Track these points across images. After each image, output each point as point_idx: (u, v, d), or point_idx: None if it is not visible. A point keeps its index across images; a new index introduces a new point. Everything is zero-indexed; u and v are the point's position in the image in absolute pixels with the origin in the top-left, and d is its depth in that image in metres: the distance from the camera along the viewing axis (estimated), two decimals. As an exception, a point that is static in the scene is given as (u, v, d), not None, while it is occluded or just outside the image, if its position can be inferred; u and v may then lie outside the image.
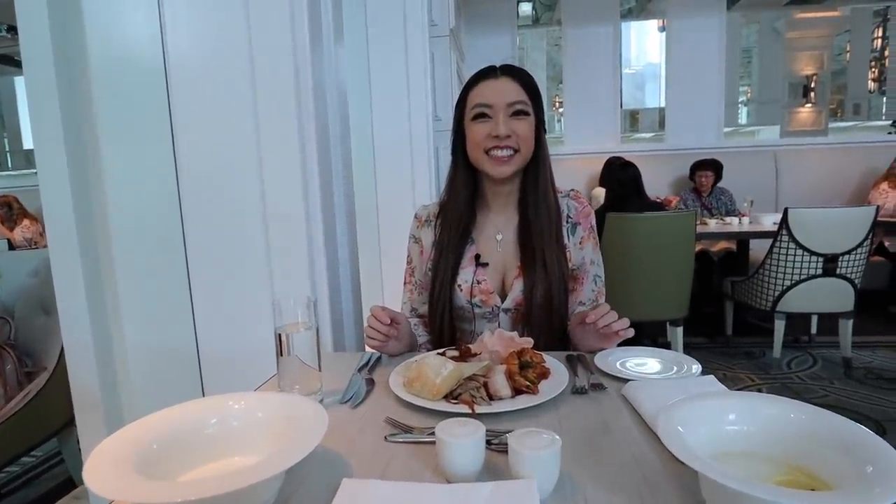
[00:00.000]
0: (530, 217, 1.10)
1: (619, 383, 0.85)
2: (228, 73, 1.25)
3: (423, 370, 0.79)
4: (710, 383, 0.79)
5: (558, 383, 0.81)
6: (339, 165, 1.47)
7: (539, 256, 1.07)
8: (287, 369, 0.80)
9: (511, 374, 0.79)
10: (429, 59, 3.05)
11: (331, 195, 1.40)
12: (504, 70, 1.09)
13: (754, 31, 10.67)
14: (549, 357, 0.92)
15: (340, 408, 0.81)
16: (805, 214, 2.69)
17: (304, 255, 1.30)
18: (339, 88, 1.49)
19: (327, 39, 1.41)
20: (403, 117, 2.85)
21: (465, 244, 1.14)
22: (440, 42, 3.71)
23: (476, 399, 0.76)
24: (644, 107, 12.53)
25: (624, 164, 3.07)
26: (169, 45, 1.26)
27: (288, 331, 0.80)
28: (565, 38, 4.95)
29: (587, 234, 1.15)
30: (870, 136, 6.08)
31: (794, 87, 9.16)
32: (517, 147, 1.06)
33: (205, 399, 0.65)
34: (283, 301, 0.80)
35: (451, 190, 1.16)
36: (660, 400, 0.73)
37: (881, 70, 10.39)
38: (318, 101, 1.31)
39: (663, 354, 0.95)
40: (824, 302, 2.79)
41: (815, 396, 2.50)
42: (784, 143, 5.01)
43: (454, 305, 1.13)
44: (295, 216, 1.28)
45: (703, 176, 3.94)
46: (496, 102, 1.06)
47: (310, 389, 0.80)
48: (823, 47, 9.35)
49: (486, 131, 1.06)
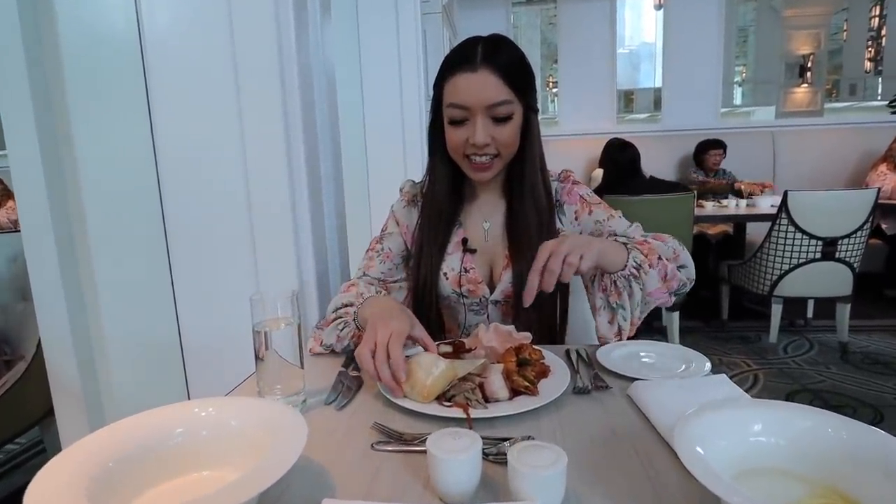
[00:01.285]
0: (517, 206, 1.02)
1: (623, 382, 0.79)
2: (208, 52, 1.17)
3: (412, 369, 0.73)
4: (722, 383, 0.74)
5: (559, 383, 0.75)
6: (328, 145, 1.39)
7: (527, 246, 0.98)
8: (266, 368, 0.74)
9: (509, 374, 0.73)
10: (421, 36, 2.95)
11: (318, 178, 1.33)
12: (485, 58, 0.92)
13: (751, 9, 10.50)
14: (548, 352, 0.86)
15: (325, 410, 0.75)
16: (805, 197, 2.64)
17: (290, 240, 1.23)
18: (326, 66, 1.40)
19: (313, 15, 1.32)
20: (395, 95, 2.75)
21: (451, 228, 1.06)
22: (432, 19, 3.60)
23: (471, 402, 0.70)
24: (638, 87, 12.38)
25: (622, 144, 3.01)
26: (145, 23, 1.18)
27: (267, 327, 0.73)
28: (560, 15, 4.83)
29: (580, 206, 1.05)
30: (866, 117, 6.01)
31: (791, 66, 9.04)
32: (497, 153, 0.97)
33: (169, 407, 0.59)
34: (262, 294, 0.73)
35: (432, 182, 1.06)
36: (669, 403, 0.68)
37: (878, 50, 10.27)
38: (303, 80, 1.23)
39: (669, 349, 0.90)
40: (822, 286, 2.75)
41: (812, 382, 2.47)
42: (782, 123, 4.94)
43: (440, 295, 1.06)
44: (280, 200, 1.21)
45: (716, 155, 3.97)
46: (473, 104, 0.93)
47: (291, 390, 0.74)
48: (821, 26, 9.22)
49: (463, 137, 0.95)
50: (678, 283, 0.93)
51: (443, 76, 0.97)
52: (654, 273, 0.89)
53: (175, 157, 1.22)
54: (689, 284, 0.97)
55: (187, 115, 1.21)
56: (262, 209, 1.22)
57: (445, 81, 0.96)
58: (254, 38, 1.16)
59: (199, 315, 1.28)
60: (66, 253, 1.21)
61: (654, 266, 0.89)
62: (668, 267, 0.90)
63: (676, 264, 0.93)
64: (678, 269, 0.93)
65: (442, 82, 0.97)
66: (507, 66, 0.93)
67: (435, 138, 1.04)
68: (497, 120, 0.94)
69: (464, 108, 0.93)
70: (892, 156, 3.87)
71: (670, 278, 0.91)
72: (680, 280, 0.93)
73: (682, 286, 0.95)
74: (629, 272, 0.88)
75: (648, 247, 0.91)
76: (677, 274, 0.92)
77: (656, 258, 0.90)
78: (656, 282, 0.90)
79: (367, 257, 1.11)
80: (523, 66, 0.97)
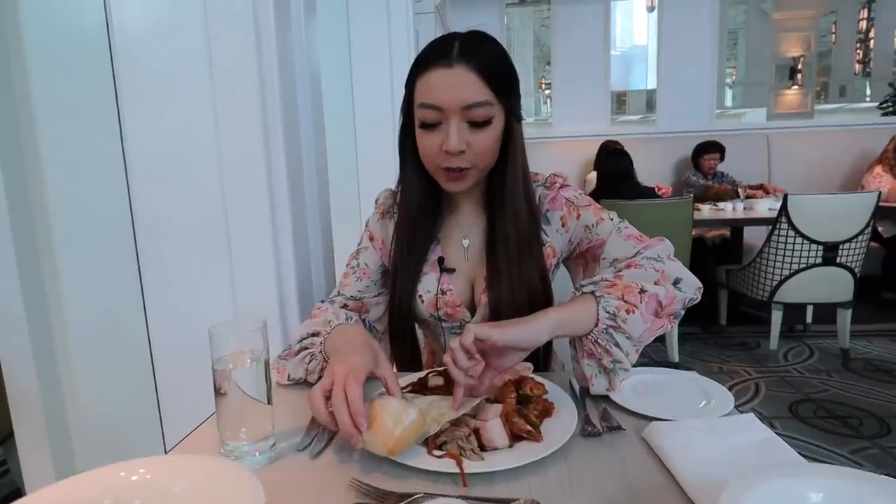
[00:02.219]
0: (496, 222, 0.90)
1: (636, 420, 0.69)
2: (182, 50, 1.09)
3: (377, 414, 0.60)
4: (752, 425, 0.64)
5: (565, 424, 0.65)
6: (312, 146, 1.29)
7: (505, 267, 0.87)
8: (229, 409, 0.63)
9: (508, 416, 0.63)
10: (413, 36, 2.85)
11: (301, 182, 1.23)
12: (462, 53, 0.79)
13: (741, 12, 10.50)
14: (550, 383, 0.76)
15: (297, 458, 0.64)
16: (805, 201, 2.56)
17: (270, 245, 1.13)
18: (310, 66, 1.30)
19: (296, 13, 1.22)
20: (386, 97, 2.65)
21: (427, 245, 0.94)
22: (425, 19, 3.50)
23: (465, 452, 0.60)
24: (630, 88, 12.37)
25: (617, 151, 2.93)
26: (114, 18, 1.08)
27: (231, 363, 0.63)
28: (554, 16, 4.74)
29: (566, 211, 0.92)
30: (856, 119, 5.98)
31: (781, 68, 9.04)
32: (472, 164, 0.83)
33: (94, 472, 0.48)
34: (222, 327, 0.62)
35: (404, 193, 0.93)
36: (695, 452, 0.58)
37: (866, 52, 10.29)
38: (284, 80, 1.13)
39: (683, 378, 0.80)
40: (823, 291, 2.67)
41: (815, 391, 2.39)
42: (776, 125, 4.87)
43: (417, 318, 0.95)
44: (259, 205, 1.12)
45: (712, 158, 3.92)
46: (447, 105, 0.79)
47: (259, 434, 0.64)
48: (810, 28, 9.22)
49: (436, 144, 0.82)
50: (681, 305, 0.78)
51: (414, 73, 0.84)
52: (637, 317, 0.73)
53: (146, 160, 1.13)
54: (697, 297, 0.81)
55: (159, 115, 1.12)
56: (238, 214, 1.13)
57: (417, 79, 0.83)
58: (230, 36, 1.08)
59: (170, 329, 1.19)
60: (28, 261, 1.12)
61: (637, 307, 0.73)
62: (658, 296, 0.75)
63: (669, 283, 0.77)
64: (675, 287, 0.78)
65: (414, 80, 0.84)
66: (487, 63, 0.80)
67: (406, 144, 0.91)
68: (474, 124, 0.81)
69: (436, 108, 0.80)
70: (889, 157, 3.81)
71: (667, 304, 0.76)
72: (683, 300, 0.78)
73: (686, 304, 0.79)
74: (604, 326, 0.73)
75: (622, 284, 0.75)
76: (675, 295, 0.77)
77: (636, 293, 0.74)
78: (641, 324, 0.74)
79: (343, 274, 1.01)
80: (505, 65, 0.84)
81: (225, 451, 0.62)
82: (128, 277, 1.17)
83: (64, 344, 1.17)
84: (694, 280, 0.81)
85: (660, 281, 0.77)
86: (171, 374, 1.20)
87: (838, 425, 2.10)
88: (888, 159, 3.82)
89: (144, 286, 1.17)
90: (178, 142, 1.12)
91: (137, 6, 1.08)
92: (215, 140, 1.11)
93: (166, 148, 1.12)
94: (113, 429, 1.23)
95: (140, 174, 1.13)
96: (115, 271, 1.17)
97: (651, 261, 0.80)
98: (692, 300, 0.80)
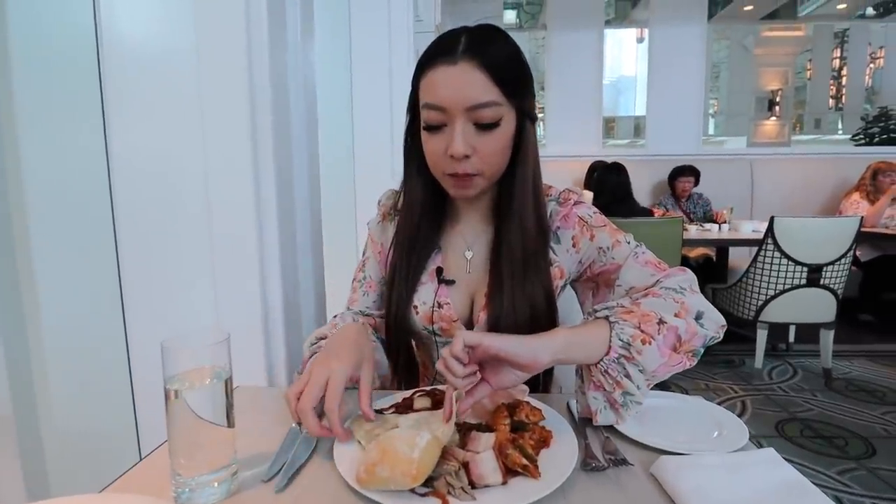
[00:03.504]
0: (502, 234, 0.79)
1: (642, 452, 0.59)
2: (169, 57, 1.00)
3: (389, 446, 0.50)
4: (772, 462, 0.54)
5: (564, 457, 0.55)
6: (304, 164, 1.19)
7: (507, 285, 0.76)
8: (182, 434, 0.52)
9: (501, 448, 0.53)
10: (413, 54, 2.78)
11: (290, 193, 1.12)
12: (468, 48, 0.69)
13: (724, 47, 10.58)
14: (547, 408, 0.66)
15: (260, 490, 0.54)
16: (791, 223, 2.48)
17: (255, 258, 1.03)
18: (306, 86, 1.20)
19: (293, 35, 1.13)
20: (385, 114, 2.57)
21: (428, 253, 0.83)
22: (425, 38, 3.43)
23: (454, 490, 0.49)
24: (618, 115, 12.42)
25: (616, 167, 2.84)
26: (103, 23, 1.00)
27: (186, 382, 0.52)
28: (549, 42, 4.71)
29: (578, 231, 0.81)
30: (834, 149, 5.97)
31: (760, 100, 9.07)
32: (478, 170, 0.73)
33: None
34: (176, 341, 0.52)
35: (406, 198, 0.83)
36: (713, 493, 0.48)
37: (839, 88, 10.37)
38: (277, 100, 1.03)
39: (690, 405, 0.71)
40: (806, 312, 2.58)
41: (800, 410, 2.29)
42: (759, 152, 4.83)
43: (412, 331, 0.84)
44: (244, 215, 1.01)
45: (686, 182, 3.81)
46: (451, 105, 0.69)
47: (217, 462, 0.53)
48: (787, 64, 9.28)
49: (441, 148, 0.72)
50: (701, 343, 0.67)
51: (419, 70, 0.74)
52: (653, 350, 0.63)
53: (129, 167, 1.03)
54: (719, 336, 0.70)
55: (145, 121, 1.02)
56: (223, 224, 1.02)
57: (422, 77, 0.73)
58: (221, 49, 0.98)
59: (150, 342, 1.07)
60: (3, 267, 1.01)
61: (654, 339, 0.63)
62: (677, 329, 0.65)
63: (690, 316, 0.67)
64: (697, 321, 0.67)
65: (418, 78, 0.74)
66: (495, 60, 0.70)
67: (411, 147, 0.81)
68: (481, 127, 0.71)
69: (440, 108, 0.70)
70: (866, 184, 3.76)
71: (686, 339, 0.66)
72: (704, 337, 0.67)
73: (707, 343, 0.68)
74: (616, 355, 0.63)
75: (639, 312, 0.65)
76: (697, 331, 0.66)
77: (654, 324, 0.64)
78: (657, 358, 0.63)
79: (351, 288, 0.91)
80: (517, 62, 0.73)
81: (177, 482, 0.51)
82: (107, 287, 1.06)
83: (39, 354, 1.06)
84: (718, 316, 0.70)
85: (680, 313, 0.66)
86: (148, 388, 1.09)
87: (825, 445, 2.00)
88: (864, 186, 3.77)
89: (124, 297, 1.07)
90: (164, 149, 1.03)
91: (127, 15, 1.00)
92: (202, 154, 1.01)
93: (150, 155, 1.03)
94: (87, 443, 1.11)
95: (123, 181, 1.04)
96: (95, 280, 1.07)
97: (671, 291, 0.70)
98: (713, 339, 0.70)
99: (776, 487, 0.50)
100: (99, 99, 1.02)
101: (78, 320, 1.09)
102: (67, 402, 1.09)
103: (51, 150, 1.04)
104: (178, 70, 1.00)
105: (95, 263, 1.06)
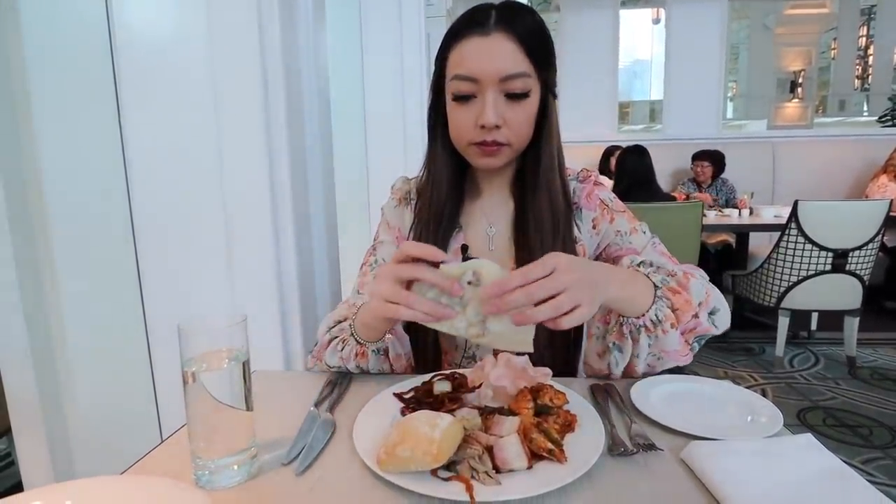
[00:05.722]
0: (528, 206, 0.79)
1: (671, 437, 0.58)
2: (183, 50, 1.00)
3: (407, 429, 0.50)
4: (811, 448, 0.52)
5: (591, 441, 0.54)
6: (317, 148, 1.18)
7: (538, 255, 0.74)
8: (200, 417, 0.52)
9: (526, 432, 0.52)
10: (424, 39, 2.75)
11: (304, 181, 1.12)
12: (500, 20, 0.71)
13: (744, 27, 10.32)
14: (571, 391, 0.64)
15: (281, 473, 0.53)
16: (815, 207, 2.42)
17: (271, 247, 1.03)
18: (318, 71, 1.19)
19: (305, 18, 1.12)
20: (397, 100, 2.55)
21: (450, 232, 0.83)
22: (436, 23, 3.40)
23: (478, 475, 0.48)
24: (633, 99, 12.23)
25: (634, 149, 2.78)
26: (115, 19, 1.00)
27: (204, 364, 0.51)
28: (563, 24, 4.63)
29: (599, 213, 0.83)
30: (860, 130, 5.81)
31: (782, 82, 8.87)
32: (507, 141, 0.75)
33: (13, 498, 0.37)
34: (193, 323, 0.51)
35: (430, 174, 0.83)
36: (750, 480, 0.46)
37: (864, 68, 10.08)
38: (290, 87, 1.03)
39: (720, 390, 0.68)
40: (831, 299, 2.53)
41: (823, 398, 2.25)
42: (781, 134, 4.73)
43: None
44: (260, 205, 1.02)
45: (700, 167, 3.72)
46: (484, 76, 0.71)
47: (237, 445, 0.52)
48: (811, 44, 9.05)
49: (470, 118, 0.73)
50: (701, 332, 0.71)
51: (447, 45, 0.74)
52: (675, 334, 0.68)
53: (146, 159, 1.04)
54: (718, 331, 0.73)
55: (160, 115, 1.03)
56: (239, 215, 1.03)
57: (450, 50, 0.74)
58: (234, 39, 0.98)
59: (169, 328, 1.07)
60: (26, 259, 1.02)
61: (680, 324, 0.68)
62: (700, 324, 0.70)
63: (707, 310, 0.71)
64: (710, 317, 0.71)
65: (446, 52, 0.75)
66: (526, 32, 0.71)
67: (436, 123, 0.81)
68: (511, 97, 0.73)
69: (472, 79, 0.72)
70: (893, 166, 3.66)
71: (691, 329, 0.71)
72: (706, 332, 0.71)
73: (705, 337, 0.72)
74: (643, 323, 0.68)
75: (685, 298, 0.69)
76: (703, 325, 0.71)
77: (690, 315, 0.69)
78: (676, 343, 0.69)
79: (360, 273, 0.89)
80: (544, 36, 0.74)
81: (197, 465, 0.51)
82: (127, 276, 1.07)
83: (62, 342, 1.08)
84: (726, 317, 0.73)
85: (703, 304, 0.71)
86: (168, 371, 1.10)
87: (849, 434, 1.96)
88: (892, 168, 3.67)
89: (143, 285, 1.08)
90: (179, 136, 1.03)
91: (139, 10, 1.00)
92: (216, 141, 1.01)
93: (166, 142, 1.03)
94: (111, 426, 1.13)
95: (140, 175, 1.04)
96: (114, 270, 1.08)
97: (704, 280, 0.74)
98: (712, 335, 0.73)
99: (817, 475, 0.48)
100: (113, 88, 1.03)
101: (98, 307, 1.10)
102: (90, 387, 1.11)
103: (68, 141, 1.05)
104: (190, 56, 1.00)
105: (114, 256, 1.08)
